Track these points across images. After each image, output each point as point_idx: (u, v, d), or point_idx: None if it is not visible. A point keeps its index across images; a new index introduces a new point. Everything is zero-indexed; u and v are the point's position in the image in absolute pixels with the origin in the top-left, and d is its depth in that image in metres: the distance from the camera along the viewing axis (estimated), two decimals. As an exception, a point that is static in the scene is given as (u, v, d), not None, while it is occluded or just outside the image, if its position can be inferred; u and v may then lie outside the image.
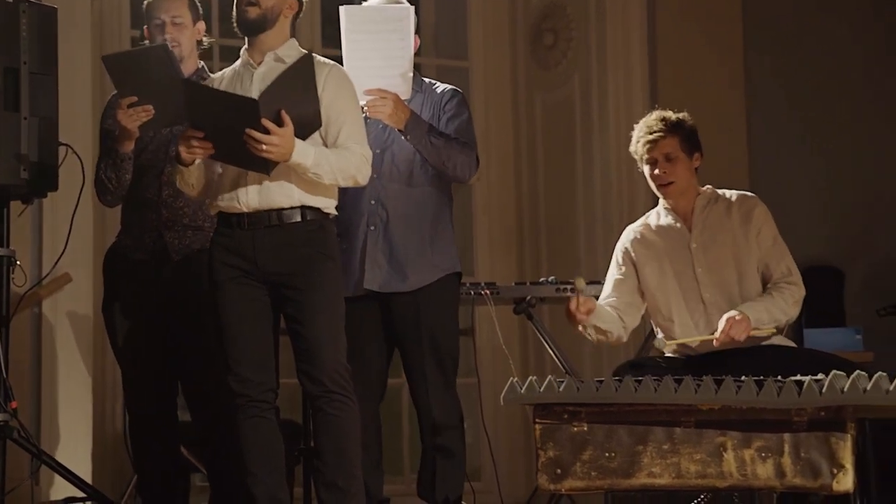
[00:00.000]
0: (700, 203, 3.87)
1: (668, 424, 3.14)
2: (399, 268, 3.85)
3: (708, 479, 3.10)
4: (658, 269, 3.86)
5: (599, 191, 5.90)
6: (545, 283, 4.62)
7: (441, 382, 3.85)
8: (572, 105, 5.98)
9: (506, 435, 5.80)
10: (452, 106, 3.93)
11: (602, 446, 3.16)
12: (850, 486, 3.03)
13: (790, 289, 3.76)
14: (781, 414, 3.07)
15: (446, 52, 6.31)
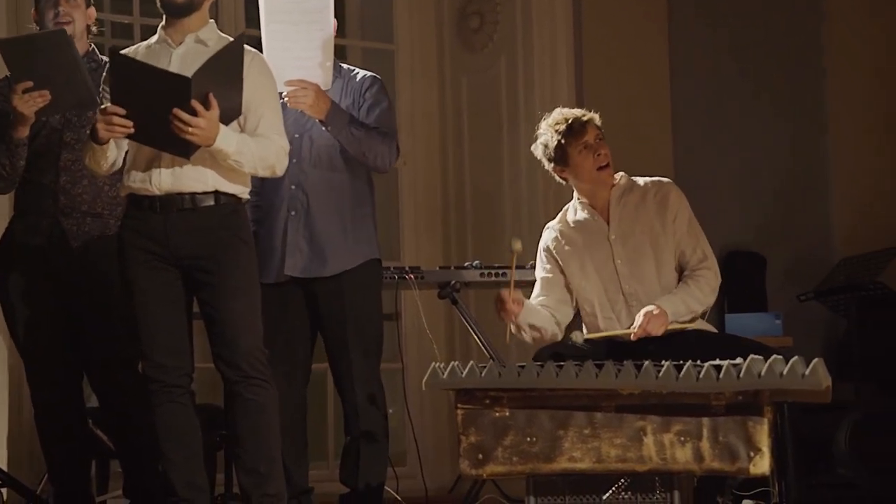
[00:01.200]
0: (615, 194, 3.88)
1: (588, 409, 3.16)
2: (319, 253, 3.83)
3: (628, 463, 3.13)
4: (579, 265, 3.88)
5: (525, 174, 5.90)
6: (470, 267, 4.61)
7: (364, 367, 3.84)
8: (498, 88, 5.97)
9: (432, 420, 5.79)
10: (373, 93, 3.91)
11: (523, 431, 3.18)
12: (766, 468, 3.07)
13: (706, 276, 3.78)
14: (700, 398, 3.10)
15: (372, 35, 6.26)
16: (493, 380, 3.18)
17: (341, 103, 3.85)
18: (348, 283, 3.84)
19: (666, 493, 3.12)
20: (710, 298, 3.79)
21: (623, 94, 5.43)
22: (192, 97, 3.21)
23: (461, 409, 3.21)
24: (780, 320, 4.93)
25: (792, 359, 3.07)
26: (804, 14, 6.37)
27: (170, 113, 3.22)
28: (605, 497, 3.14)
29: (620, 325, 3.82)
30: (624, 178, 3.91)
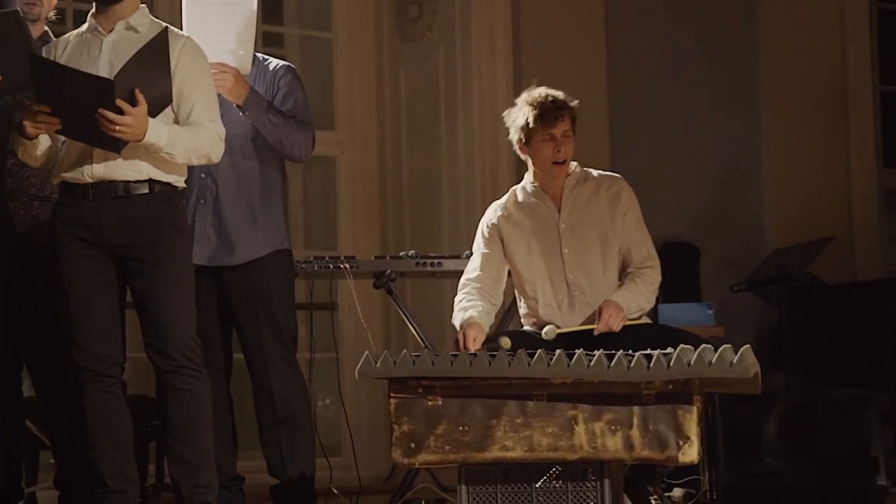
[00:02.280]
0: (569, 183, 3.88)
1: (521, 398, 3.17)
2: (227, 241, 3.80)
3: (559, 451, 3.14)
4: (525, 247, 3.88)
5: (463, 164, 5.91)
6: (405, 257, 4.61)
7: (279, 356, 3.81)
8: (437, 78, 5.98)
9: (368, 411, 5.79)
10: (287, 82, 3.87)
11: (456, 420, 3.18)
12: (694, 457, 3.09)
13: (650, 274, 3.82)
14: (631, 387, 3.12)
15: (310, 23, 6.23)
16: (426, 368, 3.18)
17: None
18: (256, 273, 3.80)
19: (596, 481, 3.14)
20: (654, 298, 3.84)
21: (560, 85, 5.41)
22: (116, 97, 3.19)
23: (394, 398, 3.21)
24: (713, 310, 4.98)
25: (721, 348, 3.10)
26: (739, 9, 6.44)
27: (96, 112, 3.18)
28: (536, 485, 3.16)
29: (560, 314, 3.83)
30: (578, 169, 3.93)
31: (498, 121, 5.90)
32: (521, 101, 3.86)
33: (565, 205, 3.87)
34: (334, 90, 6.03)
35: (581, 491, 3.15)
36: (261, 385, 3.82)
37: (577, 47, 5.98)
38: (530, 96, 3.84)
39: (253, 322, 3.80)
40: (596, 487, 3.14)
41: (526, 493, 3.17)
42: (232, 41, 3.69)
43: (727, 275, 6.09)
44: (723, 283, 6.00)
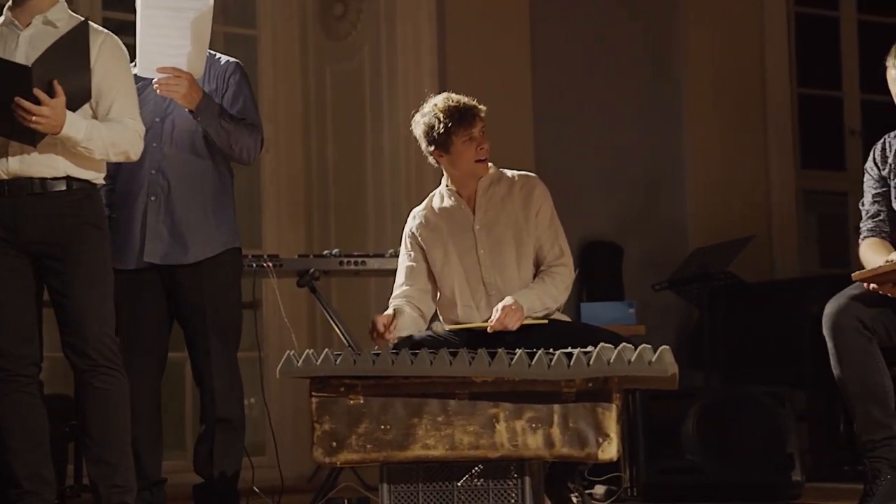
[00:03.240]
0: (483, 185, 3.90)
1: (443, 397, 3.18)
2: (180, 239, 3.77)
3: (480, 450, 3.16)
4: (443, 252, 3.89)
5: (388, 163, 5.91)
6: (329, 255, 4.59)
7: (222, 355, 3.80)
8: (362, 77, 5.97)
9: (292, 410, 5.77)
10: (236, 81, 3.85)
11: (378, 419, 3.19)
12: (614, 454, 3.13)
13: (561, 273, 3.84)
14: (552, 386, 3.14)
15: (234, 20, 6.19)
16: (348, 367, 3.18)
17: (204, 88, 3.79)
18: (208, 271, 3.78)
19: (517, 479, 3.16)
20: (564, 296, 3.86)
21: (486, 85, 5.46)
22: (34, 86, 3.14)
23: (315, 397, 3.21)
24: (634, 309, 5.03)
25: (640, 346, 3.14)
26: (663, 12, 6.52)
27: (11, 101, 3.13)
28: (458, 484, 3.17)
29: (479, 314, 3.85)
30: (492, 169, 3.94)
31: (423, 120, 5.95)
32: (428, 111, 3.85)
33: (479, 206, 3.89)
34: (259, 88, 5.99)
35: (502, 489, 3.17)
36: (204, 384, 3.81)
37: (501, 48, 6.01)
38: (437, 105, 3.84)
39: (201, 321, 3.78)
40: (517, 485, 3.17)
41: (447, 491, 3.18)
42: (186, 45, 3.65)
43: (650, 274, 6.15)
44: (645, 281, 6.06)
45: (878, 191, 3.62)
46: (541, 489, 3.31)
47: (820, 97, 7.08)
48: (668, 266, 6.11)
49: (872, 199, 3.64)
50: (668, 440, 4.53)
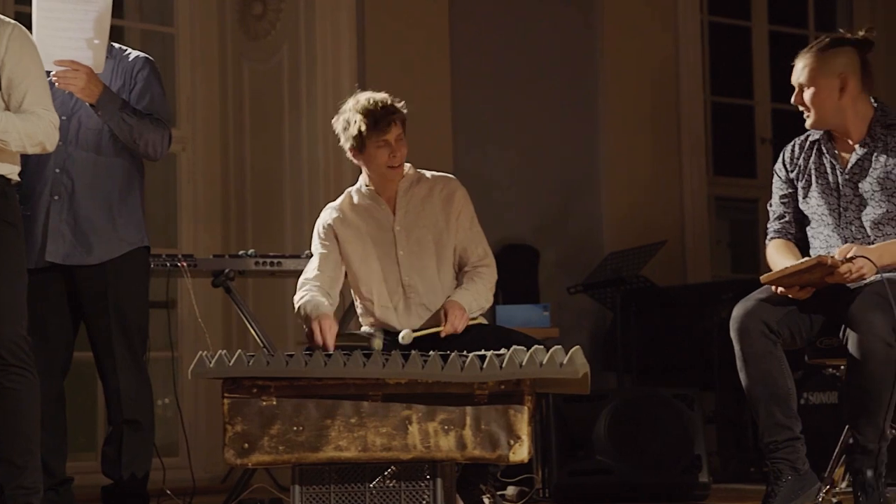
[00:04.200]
0: (403, 186, 3.90)
1: (356, 398, 3.19)
2: (84, 240, 3.73)
3: (393, 451, 3.17)
4: (361, 250, 3.88)
5: (306, 163, 5.90)
6: (244, 256, 4.58)
7: (129, 356, 3.76)
8: (280, 76, 5.95)
9: (206, 410, 5.73)
10: (144, 76, 3.81)
11: (290, 420, 3.18)
12: (525, 456, 3.16)
13: (487, 273, 3.86)
14: (464, 388, 3.16)
15: (151, 17, 6.14)
16: (261, 368, 3.17)
17: (112, 85, 3.75)
18: (113, 272, 3.74)
19: (430, 480, 3.18)
20: (491, 296, 3.89)
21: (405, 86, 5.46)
22: None
23: (228, 398, 3.19)
24: (548, 312, 5.07)
25: (552, 348, 3.17)
26: (580, 18, 6.59)
27: None
28: (371, 485, 3.18)
29: (396, 316, 3.85)
30: (412, 170, 3.94)
31: (341, 120, 5.94)
32: (348, 109, 3.83)
33: (400, 207, 3.89)
34: (176, 86, 5.95)
35: (414, 490, 3.19)
36: (110, 385, 3.77)
37: (421, 49, 6.03)
38: (358, 104, 3.81)
39: (105, 322, 3.73)
40: (429, 486, 3.18)
41: (360, 492, 3.19)
42: (84, 39, 3.60)
43: (565, 277, 6.22)
44: (561, 284, 6.13)
45: (785, 192, 3.69)
46: (453, 491, 3.33)
47: (732, 105, 7.22)
48: (582, 269, 6.18)
49: (780, 201, 3.71)
50: (580, 442, 4.59)
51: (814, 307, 3.46)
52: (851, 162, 3.56)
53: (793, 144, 3.70)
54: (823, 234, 3.60)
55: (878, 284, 3.33)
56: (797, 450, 3.45)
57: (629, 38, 6.63)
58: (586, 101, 6.57)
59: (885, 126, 3.55)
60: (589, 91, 6.58)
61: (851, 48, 3.52)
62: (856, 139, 3.57)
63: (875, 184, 3.51)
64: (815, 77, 3.50)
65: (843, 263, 3.33)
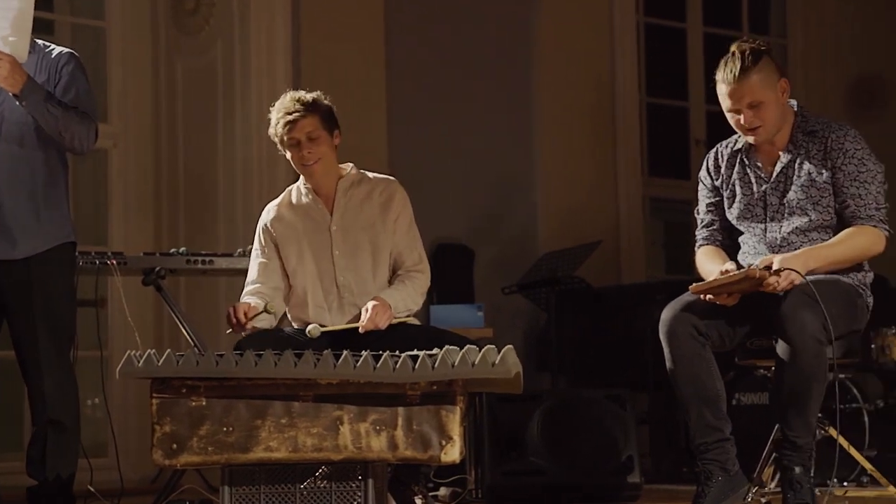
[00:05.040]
0: (343, 185, 3.89)
1: (287, 399, 3.16)
2: (7, 234, 3.66)
3: (324, 452, 3.15)
4: (297, 248, 3.87)
5: (240, 160, 5.85)
6: (175, 254, 4.52)
7: (53, 354, 3.69)
8: (214, 73, 5.90)
9: (137, 410, 5.66)
10: (69, 71, 3.75)
11: (220, 421, 3.15)
12: (456, 456, 3.15)
13: (420, 278, 3.86)
14: (396, 388, 3.14)
15: (82, 11, 6.05)
16: (190, 368, 3.13)
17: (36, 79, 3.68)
18: (38, 267, 3.68)
19: (361, 481, 3.16)
20: (421, 300, 3.89)
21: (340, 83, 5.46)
22: None
23: (156, 398, 3.15)
24: (482, 312, 5.07)
25: (485, 348, 3.17)
26: (515, 17, 6.60)
27: None
28: (301, 486, 3.16)
29: (330, 316, 3.84)
30: (353, 171, 3.93)
31: (276, 117, 5.90)
32: (275, 108, 3.86)
33: (338, 207, 3.88)
34: (107, 81, 5.87)
35: (345, 491, 3.17)
36: (34, 384, 3.69)
37: (356, 46, 6.00)
38: (279, 102, 3.85)
39: (29, 319, 3.66)
40: (360, 487, 3.16)
41: (290, 493, 3.16)
42: (6, 28, 3.53)
43: (500, 277, 6.23)
44: (496, 284, 6.13)
45: (711, 200, 3.72)
46: (384, 491, 3.31)
47: (667, 107, 7.28)
48: (518, 269, 6.19)
49: (706, 209, 3.73)
50: (513, 442, 4.59)
51: (742, 309, 3.49)
52: (776, 171, 3.58)
53: (715, 152, 3.72)
54: (750, 243, 3.63)
55: (805, 285, 3.36)
56: (727, 451, 3.48)
57: (564, 38, 6.65)
58: (522, 101, 6.58)
59: (806, 133, 3.58)
60: (524, 91, 6.60)
61: (767, 56, 3.54)
62: (780, 146, 3.59)
63: (800, 192, 3.54)
64: (764, 91, 3.49)
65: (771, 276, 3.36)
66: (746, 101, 3.49)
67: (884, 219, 3.52)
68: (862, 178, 3.50)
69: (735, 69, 3.48)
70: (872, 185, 3.51)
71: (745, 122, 3.52)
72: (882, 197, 3.53)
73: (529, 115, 6.59)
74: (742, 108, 3.51)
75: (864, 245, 3.49)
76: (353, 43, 5.99)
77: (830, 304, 3.33)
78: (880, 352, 5.51)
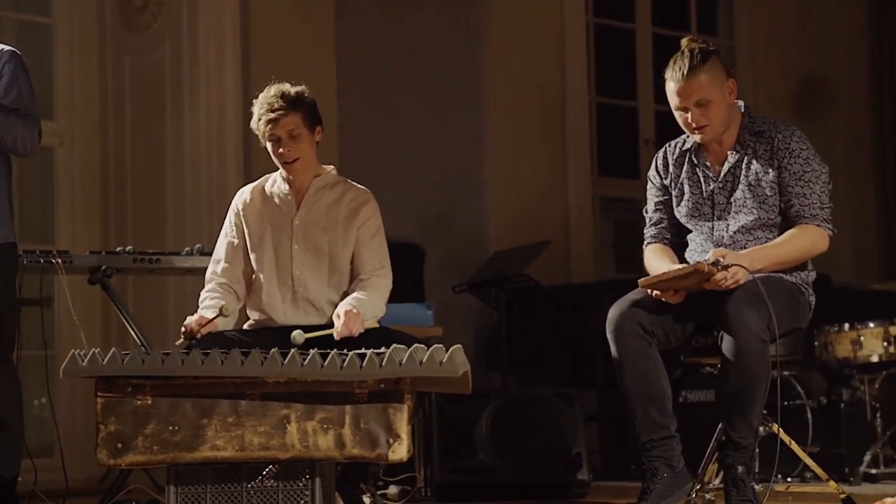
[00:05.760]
0: (317, 184, 3.90)
1: (233, 397, 3.14)
2: None
3: (271, 450, 3.13)
4: (259, 234, 3.88)
5: (189, 159, 5.82)
6: (122, 252, 4.48)
7: None
8: (162, 71, 5.86)
9: (84, 410, 5.61)
10: (10, 70, 3.70)
11: (166, 420, 3.13)
12: (404, 455, 3.15)
13: (380, 283, 3.86)
14: (344, 386, 3.14)
15: (28, 7, 5.99)
16: (136, 367, 3.10)
17: None
18: None
19: (308, 480, 3.15)
20: (384, 306, 3.89)
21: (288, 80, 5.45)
22: None
23: (101, 397, 3.12)
24: (432, 311, 5.07)
25: (432, 347, 3.17)
26: (466, 17, 6.61)
27: None
28: (249, 485, 3.14)
29: (281, 306, 3.82)
30: (333, 174, 3.95)
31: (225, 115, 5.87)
32: (259, 99, 3.84)
33: (305, 203, 3.89)
34: (54, 79, 5.82)
35: (293, 490, 3.16)
36: None
37: (306, 45, 5.99)
38: (263, 94, 3.84)
39: None
40: (307, 486, 3.16)
41: (237, 492, 3.15)
42: None
43: (450, 276, 6.23)
44: (446, 283, 6.14)
45: (660, 199, 3.75)
46: (332, 490, 3.31)
47: (616, 107, 7.32)
48: (468, 268, 6.20)
49: (655, 207, 3.76)
50: (463, 440, 4.60)
51: (688, 307, 3.51)
52: (724, 170, 3.62)
53: (664, 151, 3.75)
54: (697, 241, 3.66)
55: (752, 283, 3.39)
56: (672, 448, 3.50)
57: (514, 39, 6.67)
58: (472, 100, 6.60)
59: (753, 133, 3.62)
60: (475, 91, 6.61)
61: (716, 56, 3.58)
62: (727, 146, 3.63)
63: (747, 191, 3.58)
64: (712, 90, 3.52)
65: (719, 271, 3.39)
66: (694, 98, 3.52)
67: (828, 218, 3.56)
68: (807, 177, 3.54)
69: (684, 67, 3.51)
70: (817, 185, 3.55)
71: (693, 121, 3.55)
72: (826, 197, 3.57)
73: (480, 114, 6.61)
74: (690, 106, 3.54)
75: (809, 244, 3.54)
76: (302, 41, 5.97)
77: (774, 303, 3.36)
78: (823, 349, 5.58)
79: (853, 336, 5.48)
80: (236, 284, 3.87)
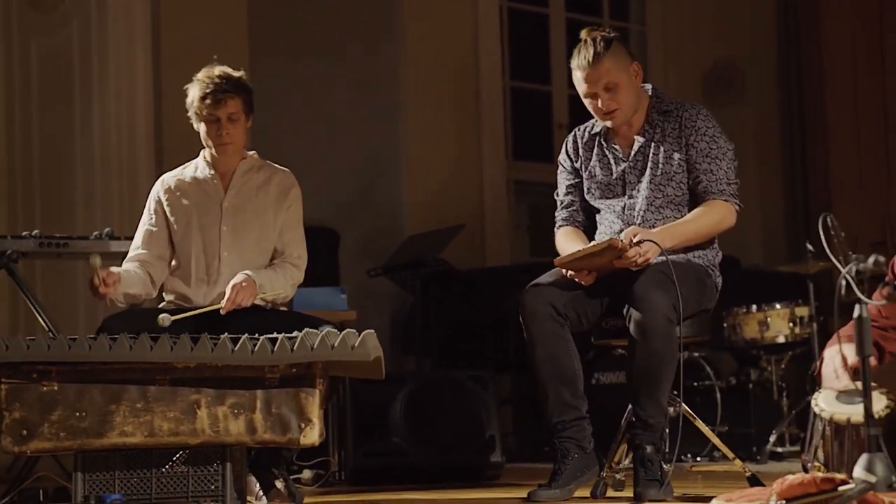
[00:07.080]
0: (243, 167, 3.88)
1: (142, 383, 3.13)
2: None
3: (181, 436, 3.12)
4: (185, 221, 3.85)
5: (98, 142, 5.73)
6: (27, 237, 4.40)
7: None
8: (70, 52, 5.75)
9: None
10: None
11: (73, 406, 3.10)
12: (315, 439, 3.15)
13: (294, 272, 3.86)
14: (255, 371, 3.14)
15: (-72, -15, 5.84)
16: (42, 353, 3.07)
17: None
18: None
19: (219, 465, 3.14)
20: (291, 292, 3.88)
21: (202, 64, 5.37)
22: None
23: (5, 383, 3.09)
24: (345, 295, 5.06)
25: (344, 331, 3.17)
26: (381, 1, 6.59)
27: None
28: (159, 471, 3.12)
29: (209, 289, 3.80)
30: (255, 157, 3.93)
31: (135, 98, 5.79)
32: (199, 77, 3.79)
33: (233, 186, 3.87)
34: (-43, 60, 5.68)
35: (203, 475, 3.14)
36: None
37: (218, 27, 5.92)
38: (205, 73, 3.79)
39: None
40: (218, 471, 3.14)
41: (146, 478, 3.12)
42: None
43: (365, 260, 6.22)
44: (361, 267, 6.12)
45: (571, 182, 3.78)
46: (243, 475, 3.28)
47: (530, 91, 7.35)
48: (383, 252, 6.19)
49: (566, 191, 3.80)
50: (377, 424, 4.59)
51: (600, 289, 3.55)
52: (634, 150, 3.66)
53: (573, 135, 3.80)
54: (609, 219, 3.70)
55: (663, 264, 3.44)
56: (584, 429, 3.54)
57: (429, 23, 6.66)
58: (387, 84, 6.58)
59: (660, 112, 3.67)
60: (389, 74, 6.59)
61: (618, 41, 3.62)
62: (636, 128, 3.67)
63: (656, 169, 3.63)
64: (619, 73, 3.57)
65: (632, 247, 3.42)
66: (602, 83, 3.56)
67: (735, 193, 3.62)
68: (713, 154, 3.60)
69: (588, 55, 3.56)
70: (723, 161, 3.61)
71: (603, 106, 3.59)
72: (732, 173, 3.63)
73: (394, 98, 6.59)
74: (598, 92, 3.58)
75: (717, 219, 3.59)
76: (214, 23, 5.90)
77: (682, 284, 3.41)
78: (732, 331, 5.68)
79: (760, 317, 5.58)
80: (150, 267, 3.84)
